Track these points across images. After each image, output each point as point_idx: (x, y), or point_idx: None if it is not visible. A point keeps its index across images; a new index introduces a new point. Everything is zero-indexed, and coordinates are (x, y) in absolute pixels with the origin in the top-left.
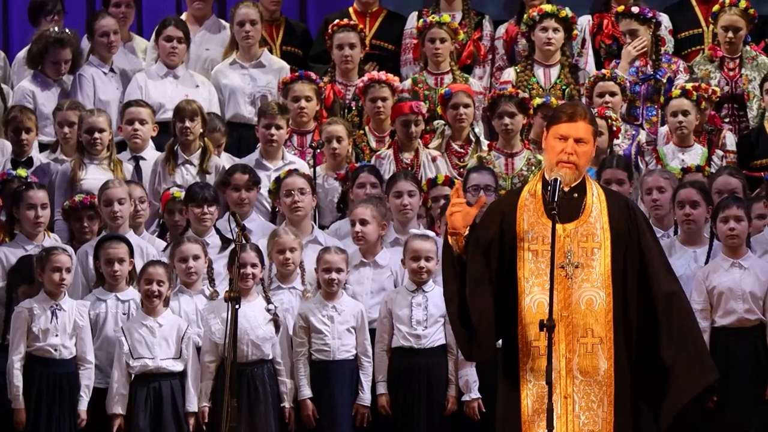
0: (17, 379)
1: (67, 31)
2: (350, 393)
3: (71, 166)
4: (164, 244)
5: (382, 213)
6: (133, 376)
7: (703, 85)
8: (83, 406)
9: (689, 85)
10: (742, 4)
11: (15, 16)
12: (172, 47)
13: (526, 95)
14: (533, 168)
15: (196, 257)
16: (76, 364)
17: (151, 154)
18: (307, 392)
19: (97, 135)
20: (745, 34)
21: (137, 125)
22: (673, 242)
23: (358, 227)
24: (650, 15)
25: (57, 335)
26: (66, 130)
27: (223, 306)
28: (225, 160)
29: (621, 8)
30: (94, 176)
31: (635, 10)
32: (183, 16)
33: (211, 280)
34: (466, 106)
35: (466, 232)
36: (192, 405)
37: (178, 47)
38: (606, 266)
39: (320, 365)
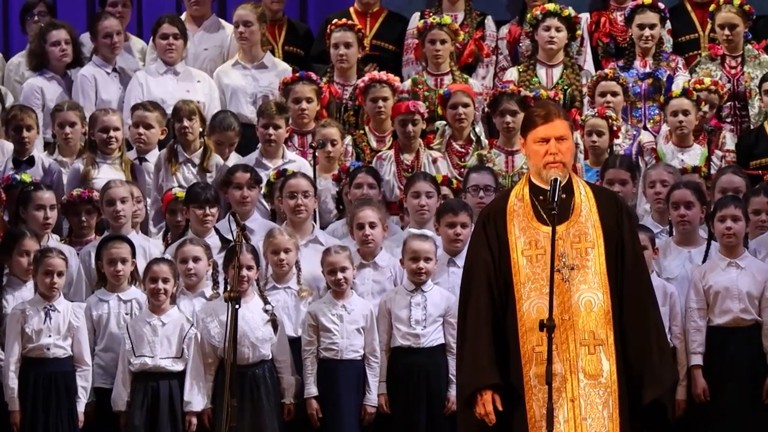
0: (12, 381)
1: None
2: (357, 393)
3: (83, 165)
4: (162, 244)
5: (384, 214)
6: (132, 374)
7: (707, 81)
8: (81, 407)
9: (705, 81)
10: (737, 2)
11: (15, 17)
12: (169, 44)
13: (528, 93)
14: None
15: (196, 259)
16: (74, 365)
17: (154, 157)
18: (313, 390)
19: (112, 133)
20: (744, 30)
21: (142, 129)
22: (668, 243)
23: (367, 230)
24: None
25: (50, 336)
26: (67, 130)
27: (220, 308)
28: (230, 159)
29: (648, 1)
30: (106, 175)
31: (661, 5)
32: (182, 17)
33: (215, 283)
34: (465, 105)
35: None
36: (191, 405)
37: (174, 43)
38: (601, 265)
39: (327, 364)
